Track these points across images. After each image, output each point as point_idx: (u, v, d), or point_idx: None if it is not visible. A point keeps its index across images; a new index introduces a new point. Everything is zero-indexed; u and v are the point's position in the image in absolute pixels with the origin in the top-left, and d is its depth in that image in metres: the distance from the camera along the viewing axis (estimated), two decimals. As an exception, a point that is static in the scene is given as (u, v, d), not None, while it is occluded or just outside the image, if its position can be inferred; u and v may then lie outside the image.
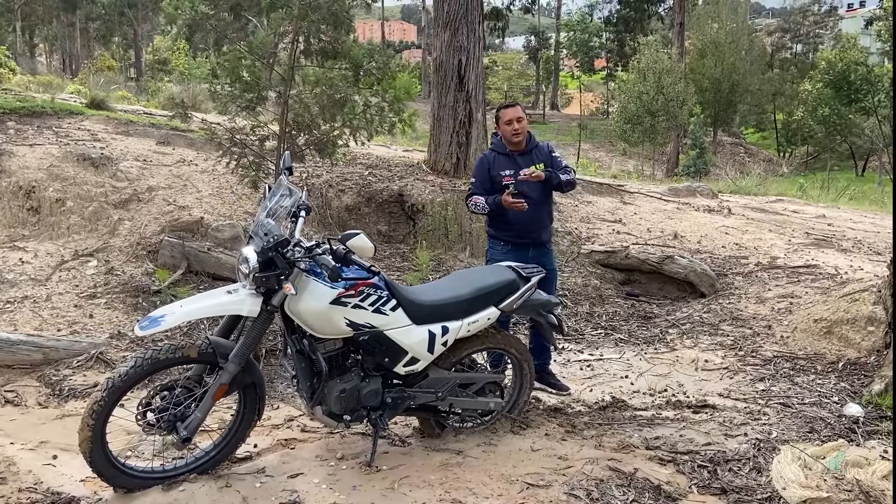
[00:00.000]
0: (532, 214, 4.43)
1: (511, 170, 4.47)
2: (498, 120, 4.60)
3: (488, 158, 4.61)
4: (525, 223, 4.47)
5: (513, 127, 4.48)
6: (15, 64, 22.86)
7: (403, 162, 9.20)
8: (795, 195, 14.03)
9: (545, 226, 4.62)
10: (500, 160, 4.55)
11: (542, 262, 4.43)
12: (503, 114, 4.55)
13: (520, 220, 4.44)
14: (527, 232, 4.51)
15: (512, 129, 4.48)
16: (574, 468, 3.45)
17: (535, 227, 4.53)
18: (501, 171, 4.48)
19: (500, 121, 4.57)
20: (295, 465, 3.48)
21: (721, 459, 3.61)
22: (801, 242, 8.43)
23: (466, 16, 8.47)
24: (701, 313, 6.40)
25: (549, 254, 4.71)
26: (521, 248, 4.52)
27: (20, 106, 8.46)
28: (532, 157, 4.57)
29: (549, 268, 4.57)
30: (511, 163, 4.52)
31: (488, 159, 4.60)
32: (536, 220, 4.52)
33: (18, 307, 5.28)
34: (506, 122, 4.51)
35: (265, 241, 3.10)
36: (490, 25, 44.22)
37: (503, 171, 4.48)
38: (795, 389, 4.67)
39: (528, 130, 4.65)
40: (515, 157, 4.54)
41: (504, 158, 4.55)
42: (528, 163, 4.52)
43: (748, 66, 35.63)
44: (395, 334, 3.40)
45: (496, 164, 4.54)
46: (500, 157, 4.57)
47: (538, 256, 4.52)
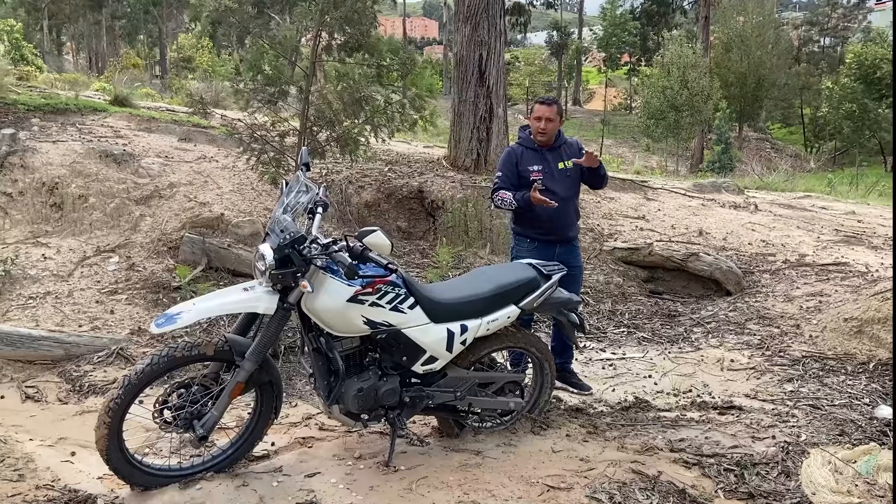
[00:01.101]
0: (559, 211, 4.31)
1: (539, 165, 4.38)
2: (530, 113, 4.51)
3: (516, 152, 4.49)
4: (552, 220, 4.37)
5: (540, 125, 4.38)
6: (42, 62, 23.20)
7: (424, 158, 9.15)
8: (824, 191, 13.76)
9: (572, 223, 4.54)
10: (529, 155, 4.45)
11: (568, 260, 4.39)
12: (536, 108, 4.45)
13: (547, 217, 4.34)
14: (554, 229, 4.42)
15: (538, 127, 4.39)
16: (596, 470, 3.38)
17: (563, 224, 4.44)
18: (530, 167, 4.39)
19: (531, 115, 4.48)
20: (312, 464, 3.45)
21: (748, 463, 3.51)
22: (830, 239, 8.23)
23: (487, 10, 8.39)
24: (727, 312, 6.28)
25: (576, 251, 4.63)
26: (547, 245, 4.42)
27: (44, 103, 8.54)
28: (560, 152, 4.47)
29: (575, 265, 4.52)
30: (539, 158, 4.42)
31: (516, 153, 4.49)
32: (564, 217, 4.42)
33: (41, 303, 5.31)
34: (535, 117, 4.42)
35: (281, 238, 3.06)
36: (512, 21, 44.02)
37: (532, 167, 4.39)
38: (825, 390, 4.55)
39: (559, 130, 4.54)
40: (544, 153, 4.44)
41: (532, 153, 4.45)
42: (557, 159, 4.43)
43: (775, 60, 35.08)
44: (413, 333, 3.35)
45: (524, 158, 4.44)
46: (528, 152, 4.46)
47: (564, 254, 4.43)
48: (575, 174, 4.47)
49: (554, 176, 4.39)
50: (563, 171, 4.43)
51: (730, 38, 34.35)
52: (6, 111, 8.03)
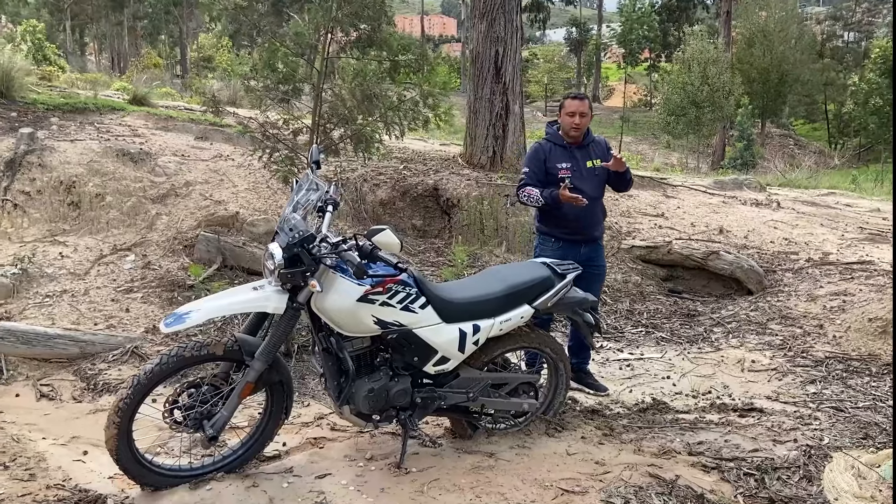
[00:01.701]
0: (586, 210, 4.26)
1: (568, 162, 4.31)
2: (561, 108, 4.41)
3: (544, 149, 4.41)
4: (579, 219, 4.31)
5: (574, 120, 4.29)
6: (65, 62, 23.45)
7: (439, 156, 9.10)
8: (848, 188, 13.50)
9: (598, 222, 4.49)
10: (557, 152, 4.37)
11: (593, 259, 4.40)
12: (568, 104, 4.36)
13: (574, 216, 4.28)
14: (580, 228, 4.36)
15: (572, 123, 4.30)
16: (612, 474, 3.31)
17: (589, 224, 4.39)
18: (558, 164, 4.31)
19: (563, 110, 4.38)
20: (323, 465, 3.41)
21: (769, 467, 3.42)
22: (855, 237, 8.06)
23: (504, 6, 8.31)
24: (748, 311, 6.16)
25: (601, 250, 4.58)
26: (573, 244, 4.36)
27: (64, 102, 8.61)
28: (589, 151, 4.41)
29: (598, 264, 4.51)
30: (568, 155, 4.35)
31: (544, 149, 4.40)
32: (590, 217, 4.37)
33: (57, 301, 5.33)
34: (568, 112, 4.33)
35: (290, 237, 3.03)
36: (531, 17, 43.83)
37: (560, 164, 4.31)
38: (848, 392, 4.44)
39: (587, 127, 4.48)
40: (573, 150, 4.36)
41: (561, 150, 4.37)
42: (586, 157, 4.37)
43: (798, 55, 34.55)
44: (425, 333, 3.30)
45: (553, 155, 4.35)
46: (556, 149, 4.38)
47: (589, 253, 4.40)
48: (602, 174, 4.41)
49: (583, 174, 4.32)
50: (592, 169, 4.36)
51: (752, 33, 33.90)
52: (26, 110, 8.10)
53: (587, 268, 4.32)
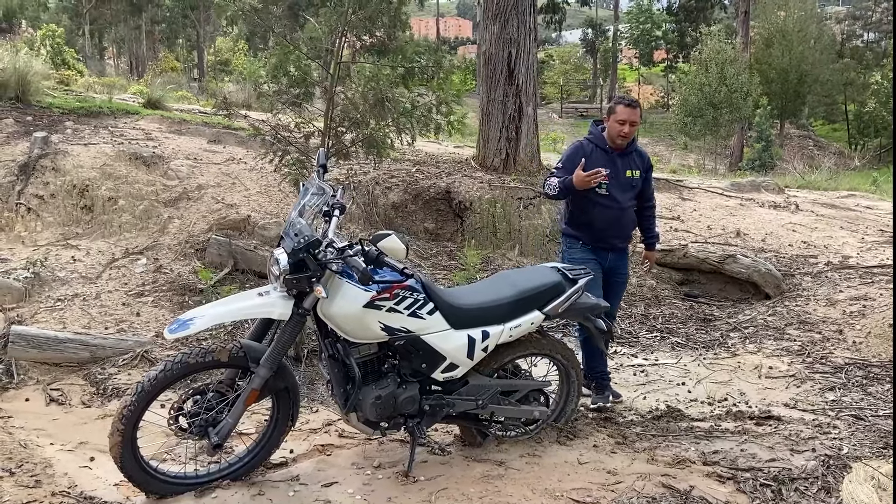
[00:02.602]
0: (617, 219, 4.22)
1: (608, 168, 4.11)
2: (610, 112, 4.23)
3: (585, 149, 4.25)
4: (609, 225, 4.22)
5: (623, 129, 4.14)
6: (83, 66, 23.69)
7: (452, 158, 9.04)
8: (868, 190, 13.27)
9: (628, 232, 4.41)
10: (598, 154, 4.21)
11: (618, 267, 4.35)
12: (620, 110, 4.16)
13: (604, 223, 4.20)
14: (608, 236, 4.26)
15: (621, 131, 4.15)
16: (624, 484, 3.24)
17: (619, 231, 4.30)
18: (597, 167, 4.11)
19: (613, 116, 4.19)
20: (330, 472, 3.37)
21: (786, 478, 3.34)
22: (876, 241, 7.90)
23: (517, 7, 8.24)
24: (765, 316, 6.05)
25: (626, 259, 4.49)
26: (600, 251, 4.27)
27: (79, 106, 8.65)
28: (631, 160, 4.29)
29: (623, 272, 4.45)
30: (609, 160, 4.19)
31: (585, 150, 4.24)
32: (620, 226, 4.29)
33: (68, 305, 5.34)
34: (618, 119, 4.15)
35: (296, 242, 2.99)
36: (546, 19, 43.63)
37: (599, 168, 4.10)
38: (869, 400, 4.34)
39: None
40: (615, 156, 4.22)
41: (602, 153, 4.22)
42: (627, 166, 4.25)
43: (817, 55, 34.13)
44: (433, 339, 3.25)
45: (593, 157, 4.18)
46: (598, 151, 4.23)
47: (615, 261, 4.32)
48: (638, 186, 4.33)
49: (620, 182, 4.20)
50: (630, 179, 4.26)
51: (770, 33, 33.54)
52: (41, 114, 8.15)
53: (611, 276, 4.32)
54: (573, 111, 43.74)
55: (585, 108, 45.25)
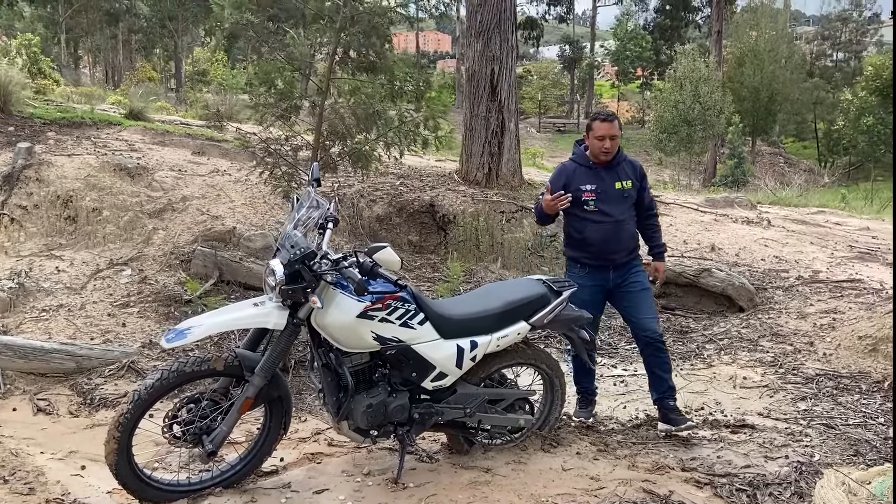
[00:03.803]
0: (611, 234, 4.07)
1: (593, 184, 4.07)
2: (588, 130, 4.15)
3: (567, 170, 4.19)
4: (604, 241, 4.08)
5: (604, 144, 4.05)
6: (59, 75, 23.48)
7: (435, 172, 9.17)
8: (838, 206, 13.64)
9: (627, 246, 4.17)
10: (582, 172, 4.14)
11: (628, 280, 4.15)
12: (596, 127, 4.08)
13: (599, 240, 4.08)
14: (604, 253, 4.10)
15: (602, 147, 4.06)
16: (606, 489, 3.35)
17: (615, 249, 4.11)
18: (582, 186, 4.08)
19: (591, 133, 4.11)
20: (321, 480, 3.44)
21: (761, 483, 3.48)
22: (845, 256, 8.15)
23: (499, 25, 8.42)
24: (739, 328, 6.22)
25: (635, 270, 4.21)
26: (599, 270, 4.13)
27: (61, 116, 8.65)
28: (620, 171, 4.15)
29: (636, 280, 4.20)
30: (594, 176, 4.11)
31: (567, 171, 4.18)
32: (616, 241, 4.10)
33: (53, 315, 5.35)
34: (597, 136, 4.07)
35: (292, 254, 3.07)
36: (525, 34, 44.19)
37: (584, 186, 4.08)
38: (839, 409, 4.50)
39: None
40: (599, 171, 4.12)
41: (585, 171, 4.14)
42: (614, 178, 4.12)
43: (788, 74, 34.98)
44: (423, 349, 3.34)
45: (577, 176, 4.13)
46: (581, 169, 4.15)
47: (620, 278, 4.15)
48: (632, 196, 4.17)
49: (610, 195, 4.08)
50: (621, 191, 4.12)
51: (743, 52, 34.31)
52: (23, 125, 8.14)
53: (624, 288, 4.16)
54: (551, 126, 44.23)
55: (563, 122, 45.79)
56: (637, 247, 4.25)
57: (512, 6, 8.72)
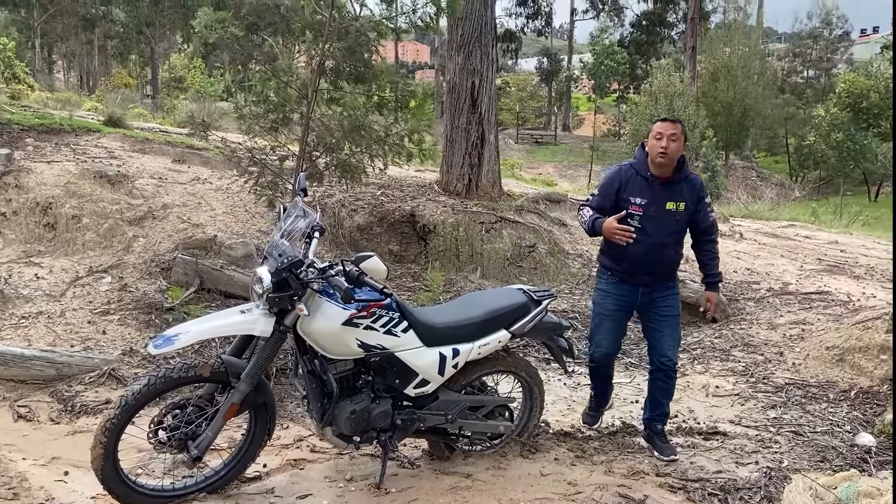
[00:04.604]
0: (648, 253, 3.82)
1: (645, 198, 3.80)
2: (649, 133, 3.88)
3: (622, 176, 3.89)
4: (639, 261, 3.85)
5: (662, 143, 3.74)
6: (33, 80, 23.21)
7: (416, 182, 9.26)
8: (808, 220, 13.97)
9: (665, 270, 3.96)
10: (636, 182, 3.85)
11: (655, 301, 3.98)
12: (656, 126, 3.82)
13: (634, 257, 3.84)
14: (638, 271, 3.90)
15: (660, 146, 3.74)
16: (583, 494, 3.44)
17: (652, 267, 3.89)
18: (632, 197, 3.82)
19: (651, 134, 3.83)
20: (304, 485, 3.49)
21: (732, 488, 3.60)
22: (814, 268, 8.39)
23: (480, 39, 8.56)
24: (712, 338, 6.38)
25: (667, 293, 4.01)
26: (629, 284, 3.96)
27: (39, 123, 8.60)
28: (676, 190, 3.84)
29: (666, 305, 4.00)
30: (647, 189, 3.82)
31: (622, 177, 3.89)
32: (654, 263, 3.88)
33: (33, 322, 5.33)
34: (655, 135, 3.78)
35: (279, 262, 3.14)
36: (503, 47, 44.52)
37: (634, 198, 3.82)
38: (807, 417, 4.65)
39: (684, 156, 3.89)
40: (656, 185, 3.82)
41: (641, 182, 3.84)
42: (669, 196, 3.81)
43: (760, 90, 35.66)
44: (406, 356, 3.41)
45: (630, 185, 3.85)
46: (636, 179, 3.86)
47: (650, 293, 3.96)
48: (684, 219, 3.88)
49: (658, 215, 3.81)
50: (672, 212, 3.83)
51: (716, 68, 34.92)
52: (1, 131, 8.08)
53: (652, 311, 4.01)
54: (528, 137, 44.55)
55: (541, 134, 46.13)
56: (675, 269, 4.05)
57: (492, 21, 8.88)
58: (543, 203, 8.86)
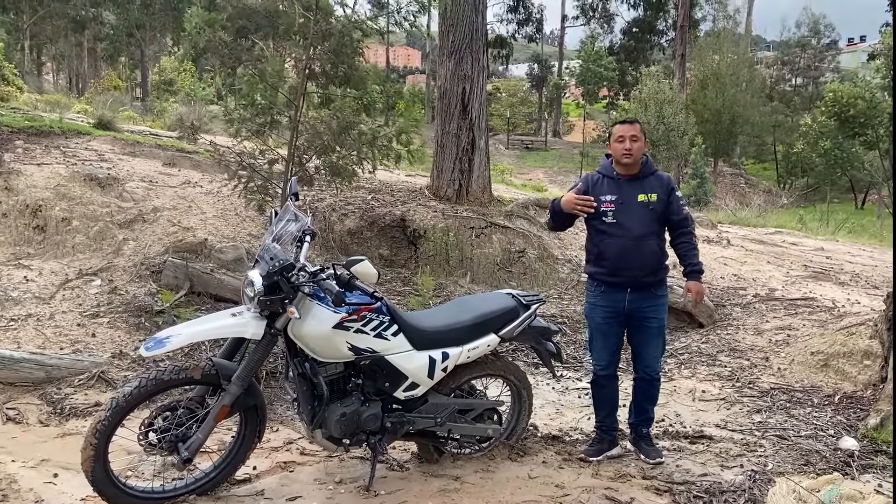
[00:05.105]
0: (630, 248, 3.83)
1: (615, 195, 3.89)
2: (610, 136, 4.01)
3: (591, 180, 4.01)
4: (620, 257, 3.85)
5: (624, 145, 3.85)
6: (22, 82, 23.10)
7: (406, 187, 9.30)
8: (795, 227, 14.12)
9: (648, 264, 3.90)
10: (604, 183, 3.95)
11: (642, 310, 3.92)
12: (616, 129, 3.94)
13: (614, 254, 3.86)
14: (621, 269, 3.86)
15: (623, 148, 3.85)
16: (571, 496, 3.49)
17: (634, 265, 3.85)
18: (602, 196, 3.89)
19: (613, 137, 3.96)
20: (293, 488, 3.51)
21: (716, 490, 3.64)
22: (800, 275, 8.48)
23: (471, 45, 8.62)
24: (699, 344, 6.44)
25: (656, 300, 3.98)
26: (616, 289, 3.91)
27: (29, 125, 8.58)
28: (643, 185, 3.91)
29: (650, 316, 3.96)
30: (616, 187, 3.92)
31: (590, 181, 4.01)
32: (635, 257, 3.85)
33: (22, 325, 5.32)
34: (617, 138, 3.90)
35: (271, 266, 3.17)
36: (494, 53, 44.74)
37: (604, 196, 3.89)
38: (792, 422, 4.70)
39: (646, 155, 4.00)
40: (622, 182, 3.92)
41: (608, 182, 3.95)
42: (639, 190, 3.89)
43: (748, 97, 36.01)
44: (396, 359, 3.45)
45: (598, 187, 3.95)
46: (604, 180, 3.96)
47: (637, 301, 3.91)
48: (658, 209, 3.90)
49: (631, 208, 3.87)
50: (645, 203, 3.88)
51: (705, 75, 35.25)
52: (-10, 132, 8.06)
53: (637, 320, 3.96)
54: (519, 143, 44.74)
55: (531, 140, 46.37)
56: (661, 269, 4.00)
57: (483, 27, 8.94)
58: (533, 208, 8.92)
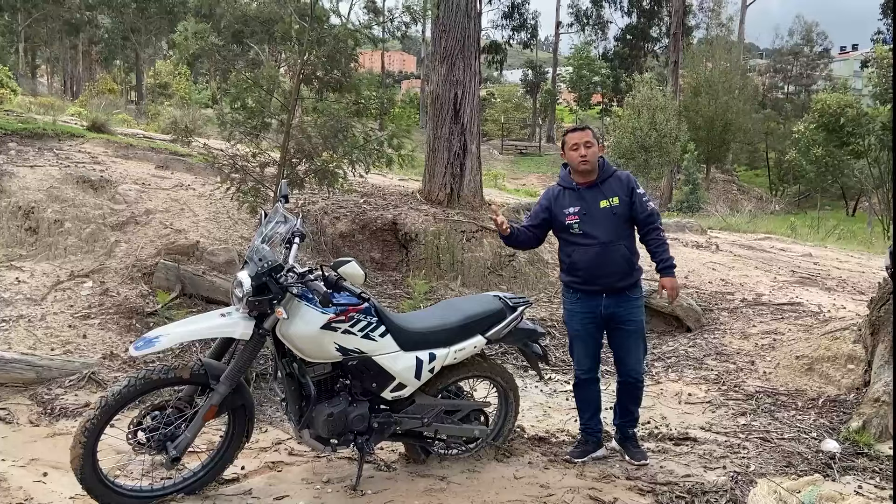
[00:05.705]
0: (599, 256, 3.86)
1: (576, 206, 3.91)
2: (563, 146, 4.01)
3: (552, 193, 4.05)
4: (591, 266, 3.89)
5: (579, 152, 3.87)
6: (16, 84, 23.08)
7: (398, 191, 9.35)
8: (785, 233, 14.23)
9: (619, 270, 3.92)
10: (565, 195, 3.98)
11: (619, 313, 3.96)
12: (569, 138, 3.95)
13: (584, 263, 3.90)
14: (593, 277, 3.91)
15: (579, 156, 3.87)
16: (556, 497, 3.54)
17: (605, 272, 3.88)
18: (565, 209, 3.94)
19: (566, 146, 3.96)
20: (281, 487, 3.55)
21: (699, 491, 3.69)
22: (787, 280, 8.56)
23: (463, 51, 8.70)
24: (686, 347, 6.50)
25: (631, 303, 4.01)
26: (591, 296, 3.95)
27: (22, 127, 8.60)
28: (606, 189, 3.92)
29: (629, 319, 4.00)
30: (577, 197, 3.94)
31: (552, 194, 4.05)
32: (605, 264, 3.88)
33: (13, 326, 5.34)
34: (571, 146, 3.91)
35: (259, 266, 3.21)
36: (489, 58, 44.91)
37: (567, 209, 3.93)
38: (775, 424, 4.76)
39: (603, 157, 4.01)
40: (583, 192, 3.93)
41: (569, 193, 3.97)
42: (600, 196, 3.90)
43: (741, 105, 36.25)
44: (384, 360, 3.49)
45: (559, 199, 3.99)
46: (564, 192, 3.99)
47: (613, 306, 3.95)
48: (623, 212, 3.92)
49: (594, 217, 3.89)
50: (608, 209, 3.90)
51: (698, 82, 35.49)
52: (-17, 134, 8.08)
53: (616, 324, 4.00)
54: (513, 148, 44.87)
55: (525, 145, 46.48)
56: (634, 271, 4.01)
57: (476, 33, 9.02)
58: (524, 213, 8.97)
